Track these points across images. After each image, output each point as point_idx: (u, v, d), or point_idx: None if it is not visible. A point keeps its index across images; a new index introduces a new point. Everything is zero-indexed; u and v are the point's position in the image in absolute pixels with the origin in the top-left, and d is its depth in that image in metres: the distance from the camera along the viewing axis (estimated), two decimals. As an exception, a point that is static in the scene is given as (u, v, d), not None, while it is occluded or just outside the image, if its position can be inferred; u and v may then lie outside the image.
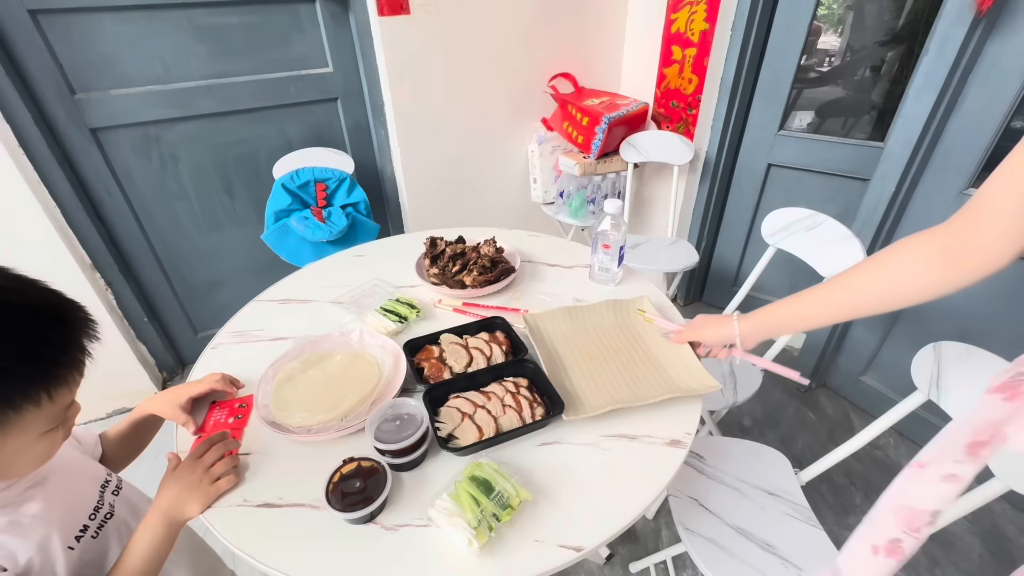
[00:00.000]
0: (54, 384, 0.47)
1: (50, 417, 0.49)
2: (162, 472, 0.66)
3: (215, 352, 0.93)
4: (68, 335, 0.49)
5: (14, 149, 1.31)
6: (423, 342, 0.89)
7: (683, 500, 0.97)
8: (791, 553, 0.88)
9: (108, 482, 0.67)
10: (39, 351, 0.46)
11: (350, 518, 0.62)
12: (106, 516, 0.63)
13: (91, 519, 0.61)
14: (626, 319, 0.96)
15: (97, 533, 0.61)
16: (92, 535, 0.60)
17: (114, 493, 0.67)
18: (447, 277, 1.05)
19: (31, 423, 0.47)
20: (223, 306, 1.89)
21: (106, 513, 0.64)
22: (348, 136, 1.84)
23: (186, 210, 1.70)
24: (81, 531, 0.59)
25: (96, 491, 0.64)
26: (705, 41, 1.74)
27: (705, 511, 0.95)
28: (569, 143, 2.00)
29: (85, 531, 0.60)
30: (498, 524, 0.62)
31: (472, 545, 0.59)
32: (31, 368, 0.46)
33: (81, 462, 0.67)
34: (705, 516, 0.94)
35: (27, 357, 0.45)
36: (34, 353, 0.46)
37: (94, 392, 1.67)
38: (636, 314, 0.96)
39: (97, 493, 0.64)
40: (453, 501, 0.63)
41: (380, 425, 0.70)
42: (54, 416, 0.50)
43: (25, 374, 0.45)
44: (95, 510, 0.62)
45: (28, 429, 0.48)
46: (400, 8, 1.56)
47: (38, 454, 0.51)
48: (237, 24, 1.52)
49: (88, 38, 1.37)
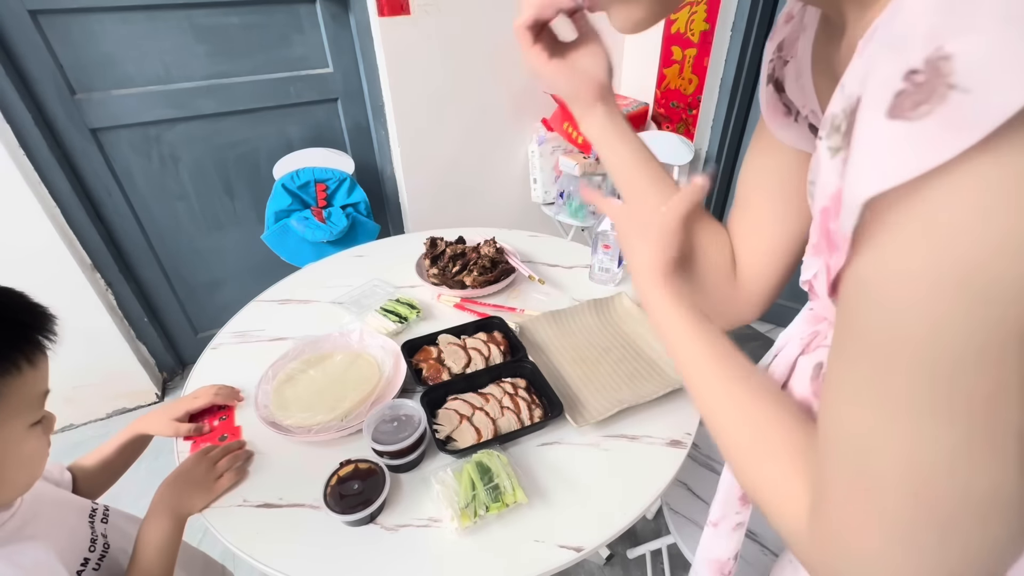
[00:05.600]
0: (29, 349, 0.49)
1: (30, 401, 0.50)
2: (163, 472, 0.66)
3: (215, 352, 0.93)
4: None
5: (14, 149, 1.31)
6: (421, 343, 0.89)
7: (672, 484, 0.98)
8: (774, 541, 0.88)
9: (95, 511, 0.65)
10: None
11: (349, 520, 0.62)
12: (105, 547, 0.62)
13: (91, 551, 0.60)
14: (609, 317, 0.97)
15: (99, 565, 0.60)
16: (94, 567, 0.59)
17: (103, 521, 0.65)
18: (447, 277, 1.05)
19: (15, 404, 0.48)
20: (223, 306, 1.89)
21: (104, 544, 0.62)
22: (348, 136, 1.84)
23: (186, 210, 1.70)
24: (83, 565, 0.58)
25: (86, 523, 0.62)
26: (705, 41, 1.74)
27: (692, 496, 0.95)
28: (569, 143, 2.00)
29: (87, 564, 0.58)
30: (485, 514, 0.62)
31: (453, 522, 0.61)
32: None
33: (63, 496, 0.65)
34: (692, 501, 0.94)
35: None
36: None
37: (94, 392, 1.68)
38: (618, 311, 0.98)
39: (88, 525, 0.62)
40: (455, 478, 0.66)
41: (378, 426, 0.70)
42: (34, 401, 0.50)
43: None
44: (92, 541, 0.61)
45: (13, 415, 0.48)
46: (400, 8, 1.56)
47: (28, 456, 0.51)
48: (237, 24, 1.52)
49: (88, 38, 1.37)
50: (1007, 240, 0.18)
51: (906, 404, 0.22)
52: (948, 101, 0.18)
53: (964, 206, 0.18)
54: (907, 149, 0.19)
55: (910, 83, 0.19)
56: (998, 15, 0.17)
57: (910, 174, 0.19)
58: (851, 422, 0.26)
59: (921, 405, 0.22)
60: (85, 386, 1.65)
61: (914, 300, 0.21)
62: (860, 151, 0.22)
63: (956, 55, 0.18)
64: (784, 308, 2.24)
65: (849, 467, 0.26)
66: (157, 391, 1.81)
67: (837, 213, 0.24)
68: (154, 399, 1.81)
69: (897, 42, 0.20)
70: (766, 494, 0.33)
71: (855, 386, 0.25)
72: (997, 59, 0.17)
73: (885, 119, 0.20)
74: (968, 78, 0.18)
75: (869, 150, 0.21)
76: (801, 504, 0.30)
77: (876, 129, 0.21)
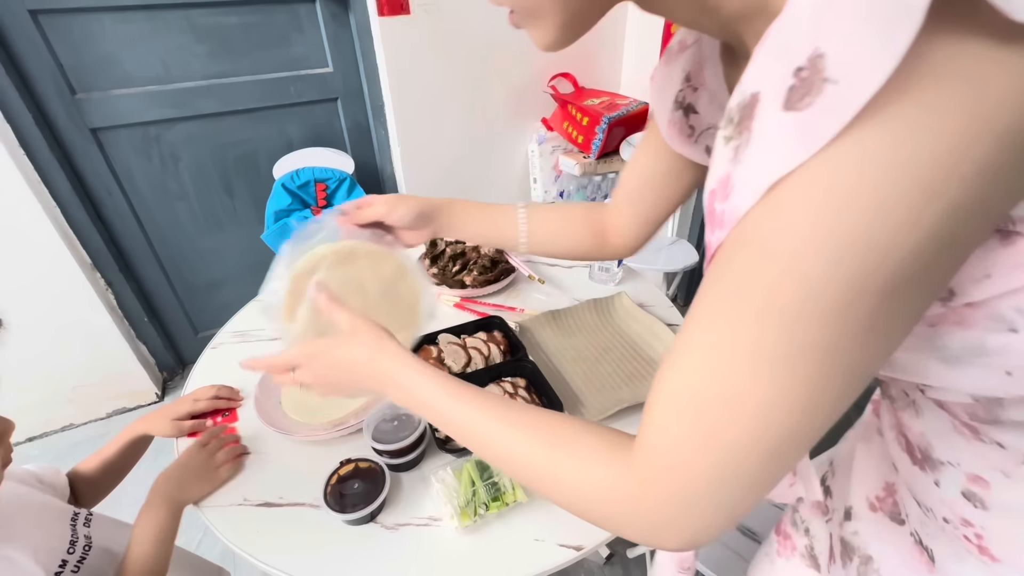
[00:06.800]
0: None
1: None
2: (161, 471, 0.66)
3: (215, 352, 0.93)
4: None
5: (14, 149, 1.31)
6: (421, 342, 0.89)
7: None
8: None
9: (77, 515, 0.65)
10: None
11: (349, 519, 0.62)
12: (85, 548, 0.61)
13: (69, 553, 0.59)
14: (609, 316, 0.97)
15: (78, 567, 0.59)
16: (72, 569, 0.58)
17: (86, 524, 0.64)
18: (447, 277, 1.05)
19: None
20: (223, 306, 1.89)
21: (84, 545, 0.62)
22: (348, 136, 1.84)
23: (186, 210, 1.70)
24: (60, 566, 0.57)
25: (67, 526, 0.62)
26: (705, 41, 1.73)
27: None
28: (569, 143, 2.00)
29: (64, 566, 0.58)
30: (485, 513, 0.62)
31: (452, 521, 0.61)
32: None
33: (43, 500, 0.64)
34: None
35: None
36: None
37: (94, 392, 1.68)
38: (618, 310, 0.98)
39: (68, 528, 0.62)
40: (455, 476, 0.65)
41: (378, 425, 0.70)
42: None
43: None
44: (71, 543, 0.60)
45: None
46: (400, 8, 1.56)
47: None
48: (237, 24, 1.52)
49: (88, 38, 1.37)
50: (868, 204, 0.21)
51: (760, 350, 0.25)
52: (824, 92, 0.21)
53: (840, 178, 0.21)
54: (799, 135, 0.22)
55: (798, 79, 0.22)
56: (858, 16, 0.20)
57: (804, 156, 0.22)
58: (701, 371, 0.28)
59: (776, 351, 0.25)
60: (85, 386, 1.65)
61: (793, 255, 0.23)
62: (762, 140, 0.24)
63: (827, 53, 0.21)
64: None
65: (691, 410, 0.28)
66: (157, 391, 1.81)
67: (725, 195, 0.27)
68: (154, 399, 1.81)
69: (786, 45, 0.23)
70: (568, 482, 0.35)
71: (710, 338, 0.28)
72: (855, 54, 0.20)
73: (781, 111, 0.23)
74: (836, 71, 0.21)
75: (770, 138, 0.24)
76: (608, 473, 0.33)
77: (774, 120, 0.24)
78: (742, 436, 0.27)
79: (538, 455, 0.37)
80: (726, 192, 0.27)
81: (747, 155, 0.25)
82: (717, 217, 0.28)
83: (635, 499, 0.31)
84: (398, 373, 0.44)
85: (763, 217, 0.24)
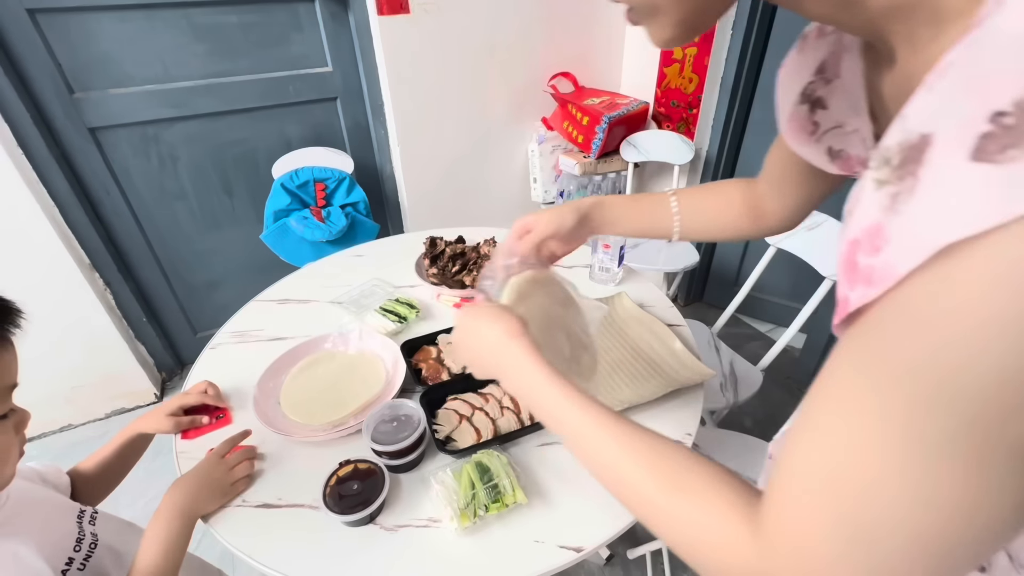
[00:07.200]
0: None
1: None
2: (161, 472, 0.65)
3: (214, 352, 0.93)
4: None
5: (12, 149, 1.31)
6: (420, 342, 0.89)
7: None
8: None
9: (84, 511, 0.64)
10: None
11: (348, 520, 0.62)
12: (91, 545, 0.61)
13: (76, 551, 0.59)
14: (609, 317, 0.97)
15: (84, 565, 0.59)
16: (79, 567, 0.58)
17: (91, 522, 0.64)
18: (447, 277, 1.04)
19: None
20: (222, 306, 1.88)
21: (90, 543, 0.61)
22: (347, 136, 1.84)
23: (185, 210, 1.70)
24: (67, 564, 0.57)
25: (74, 522, 0.61)
26: (706, 40, 1.73)
27: None
28: (569, 143, 2.00)
29: (71, 564, 0.57)
30: (485, 514, 0.62)
31: (452, 523, 0.61)
32: None
33: (51, 497, 0.64)
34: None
35: None
36: None
37: (93, 392, 1.68)
38: (618, 311, 0.98)
39: (75, 524, 0.61)
40: (455, 478, 0.65)
41: (377, 426, 0.70)
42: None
43: None
44: (78, 541, 0.60)
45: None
46: (400, 8, 1.56)
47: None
48: (236, 23, 1.51)
49: (87, 37, 1.37)
50: None
51: (925, 443, 0.21)
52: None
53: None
54: (993, 193, 0.19)
55: (997, 125, 0.19)
56: None
57: (999, 219, 0.18)
58: (836, 449, 0.25)
59: (943, 446, 0.21)
60: (84, 386, 1.65)
61: (969, 337, 0.20)
62: (937, 192, 0.21)
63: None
64: (785, 308, 2.24)
65: (829, 494, 0.25)
66: (156, 391, 1.80)
67: (875, 248, 0.23)
68: (153, 399, 1.81)
69: (979, 83, 0.20)
70: (687, 531, 0.33)
71: (855, 419, 0.24)
72: None
73: (968, 161, 0.19)
74: None
75: (949, 192, 0.20)
76: (731, 532, 0.30)
77: (957, 171, 0.20)
78: (883, 534, 0.23)
79: (659, 496, 0.35)
80: (875, 245, 0.23)
81: (911, 207, 0.22)
82: (862, 272, 0.24)
83: (755, 562, 0.29)
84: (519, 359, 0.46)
85: (931, 284, 0.21)
